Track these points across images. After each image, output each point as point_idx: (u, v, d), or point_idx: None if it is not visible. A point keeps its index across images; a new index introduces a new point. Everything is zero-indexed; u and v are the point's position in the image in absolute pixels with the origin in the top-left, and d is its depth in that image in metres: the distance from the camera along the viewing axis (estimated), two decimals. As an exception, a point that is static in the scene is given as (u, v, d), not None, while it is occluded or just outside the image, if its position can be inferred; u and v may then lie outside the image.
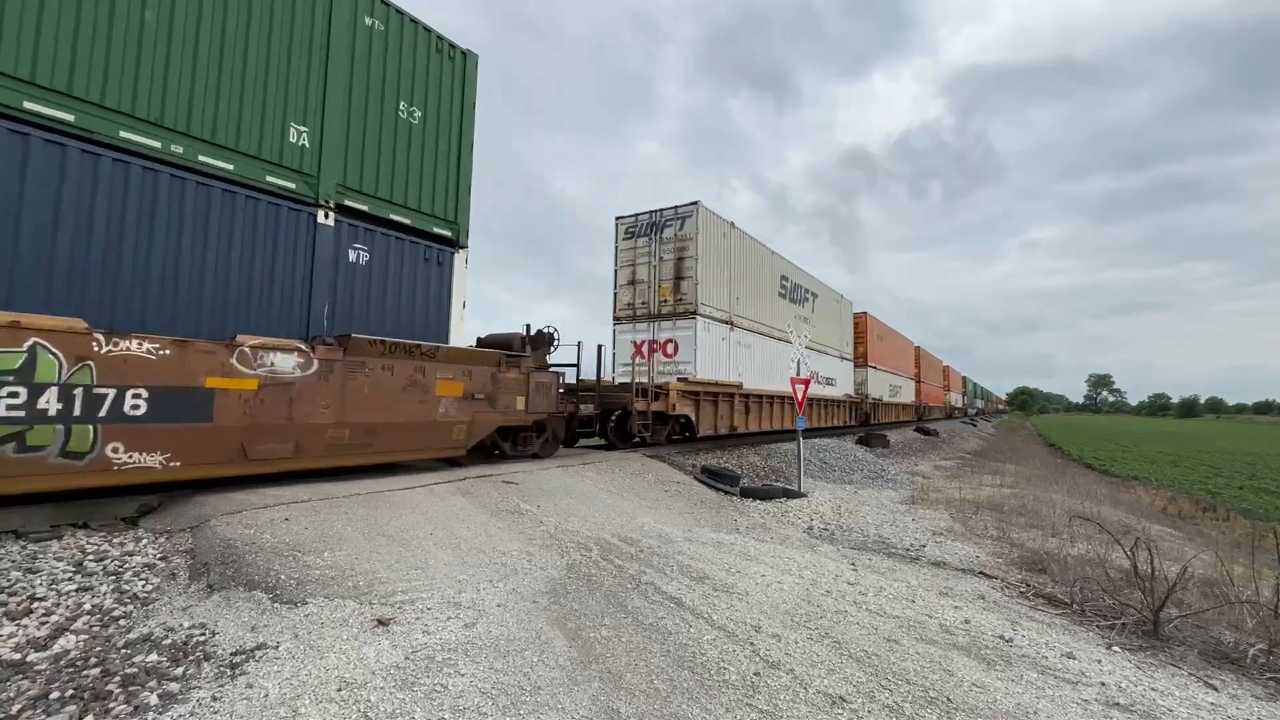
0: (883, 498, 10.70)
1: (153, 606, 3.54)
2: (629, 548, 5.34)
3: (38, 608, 3.33)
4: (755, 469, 12.18)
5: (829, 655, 3.42)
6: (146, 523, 4.81)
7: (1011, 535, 7.46)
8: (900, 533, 7.57)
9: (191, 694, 2.61)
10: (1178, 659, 3.84)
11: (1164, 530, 10.14)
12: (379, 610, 3.56)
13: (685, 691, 2.89)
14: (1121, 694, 3.23)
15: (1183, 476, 23.76)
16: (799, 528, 7.76)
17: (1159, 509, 14.39)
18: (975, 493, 11.19)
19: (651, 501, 7.80)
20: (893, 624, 4.01)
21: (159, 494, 5.20)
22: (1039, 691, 3.17)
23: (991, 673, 3.36)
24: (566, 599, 3.99)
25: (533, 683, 2.86)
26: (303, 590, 3.72)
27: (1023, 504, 9.94)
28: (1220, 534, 10.65)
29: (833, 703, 2.89)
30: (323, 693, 2.64)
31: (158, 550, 4.26)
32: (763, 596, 4.35)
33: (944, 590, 5.01)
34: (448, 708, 2.58)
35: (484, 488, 6.67)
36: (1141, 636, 4.19)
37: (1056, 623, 4.43)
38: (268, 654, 2.98)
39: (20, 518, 4.36)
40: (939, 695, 3.02)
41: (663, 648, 3.36)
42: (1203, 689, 3.43)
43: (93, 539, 4.32)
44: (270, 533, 4.48)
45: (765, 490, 9.62)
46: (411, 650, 3.08)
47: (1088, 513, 8.12)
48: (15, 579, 3.60)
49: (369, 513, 5.25)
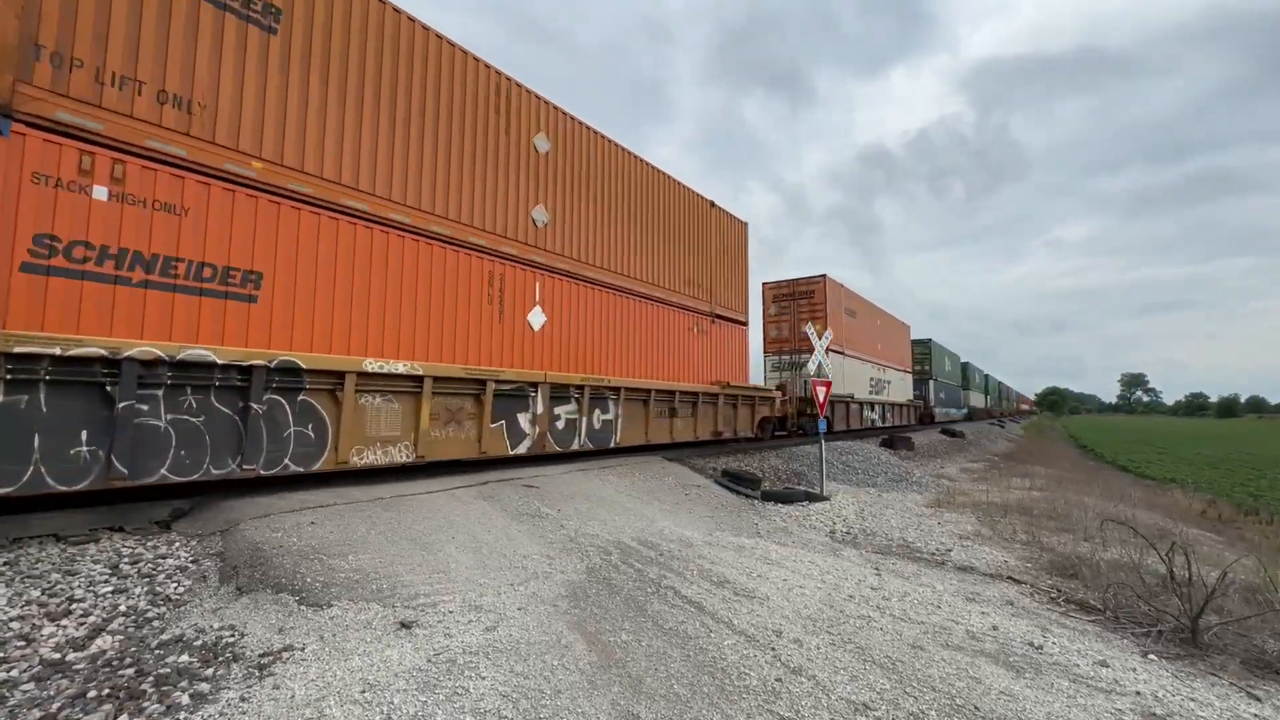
0: (907, 501, 10.52)
1: (184, 608, 3.63)
2: (649, 551, 5.33)
3: (76, 609, 3.44)
4: (776, 472, 12.07)
5: (852, 661, 3.37)
6: (179, 526, 4.94)
7: (1041, 539, 7.27)
8: (925, 537, 7.43)
9: (221, 694, 2.67)
10: (1218, 668, 3.70)
11: (1202, 534, 9.79)
12: (402, 613, 3.60)
13: (706, 696, 2.88)
14: (1158, 704, 3.12)
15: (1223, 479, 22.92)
16: (821, 531, 7.67)
17: (1197, 512, 13.89)
18: (1003, 496, 10.94)
19: (671, 505, 7.78)
20: (917, 630, 3.93)
21: (190, 498, 5.35)
22: (1070, 700, 3.08)
23: (1021, 681, 3.28)
24: (586, 603, 3.99)
25: (553, 686, 2.87)
26: (328, 593, 3.79)
27: (1053, 507, 9.69)
28: (1264, 538, 10.25)
29: (856, 710, 2.84)
30: (347, 694, 2.68)
31: (189, 553, 4.38)
32: (784, 601, 4.31)
33: (971, 596, 4.90)
34: (469, 710, 2.60)
35: (505, 491, 6.72)
36: (1179, 644, 4.06)
37: (1089, 630, 4.31)
38: (294, 656, 3.04)
39: (60, 521, 4.51)
40: (966, 703, 2.96)
41: (683, 652, 3.34)
42: (1245, 699, 3.30)
43: (128, 542, 4.45)
44: (297, 536, 4.57)
45: (787, 494, 9.53)
46: (434, 653, 3.11)
47: (1121, 516, 7.89)
48: (55, 581, 3.72)
49: (392, 516, 5.32)
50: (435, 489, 6.45)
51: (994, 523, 8.31)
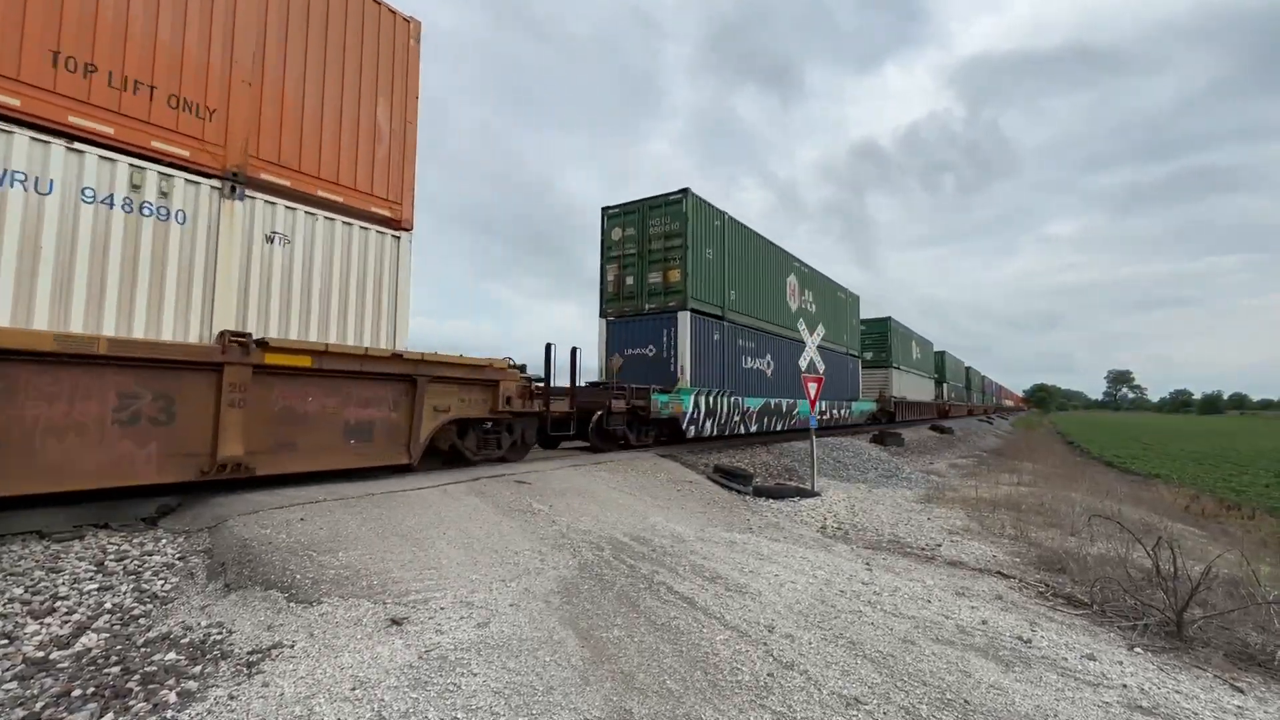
0: (897, 496, 10.59)
1: (171, 605, 3.59)
2: (641, 547, 5.33)
3: (60, 606, 3.39)
4: (768, 468, 12.12)
5: (843, 656, 3.39)
6: (166, 523, 4.88)
7: (1029, 534, 7.35)
8: (915, 532, 7.49)
9: (209, 692, 2.64)
10: (1202, 661, 3.76)
11: (1187, 529, 9.94)
12: (393, 610, 3.58)
13: (698, 692, 2.88)
14: (1144, 696, 3.16)
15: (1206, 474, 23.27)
16: (813, 527, 7.71)
17: (1181, 507, 14.10)
18: (992, 491, 11.04)
19: (664, 501, 7.79)
20: (908, 624, 3.96)
21: (178, 495, 5.29)
22: (1059, 694, 3.11)
23: (1010, 674, 3.31)
24: (579, 599, 3.99)
25: (545, 682, 2.86)
26: (318, 590, 3.76)
27: (1041, 502, 9.80)
28: (1246, 533, 10.43)
29: (847, 704, 2.86)
30: (337, 692, 2.65)
31: (176, 550, 4.33)
32: (776, 596, 4.32)
33: (960, 590, 4.94)
34: (460, 707, 2.59)
35: (496, 487, 6.70)
36: (1164, 638, 4.11)
37: (1076, 623, 4.36)
38: (283, 653, 3.01)
39: (44, 518, 4.45)
40: (956, 697, 2.98)
41: (675, 648, 3.35)
42: (1229, 691, 3.35)
43: (113, 539, 4.39)
44: (286, 532, 4.53)
45: (778, 489, 9.57)
46: (425, 650, 3.09)
47: (1107, 511, 7.98)
48: (39, 578, 3.67)
49: (383, 512, 5.29)
50: (426, 485, 6.42)
51: (983, 518, 8.39)
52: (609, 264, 13.43)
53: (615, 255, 13.31)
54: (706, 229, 13.09)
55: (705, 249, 12.94)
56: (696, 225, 12.65)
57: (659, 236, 12.71)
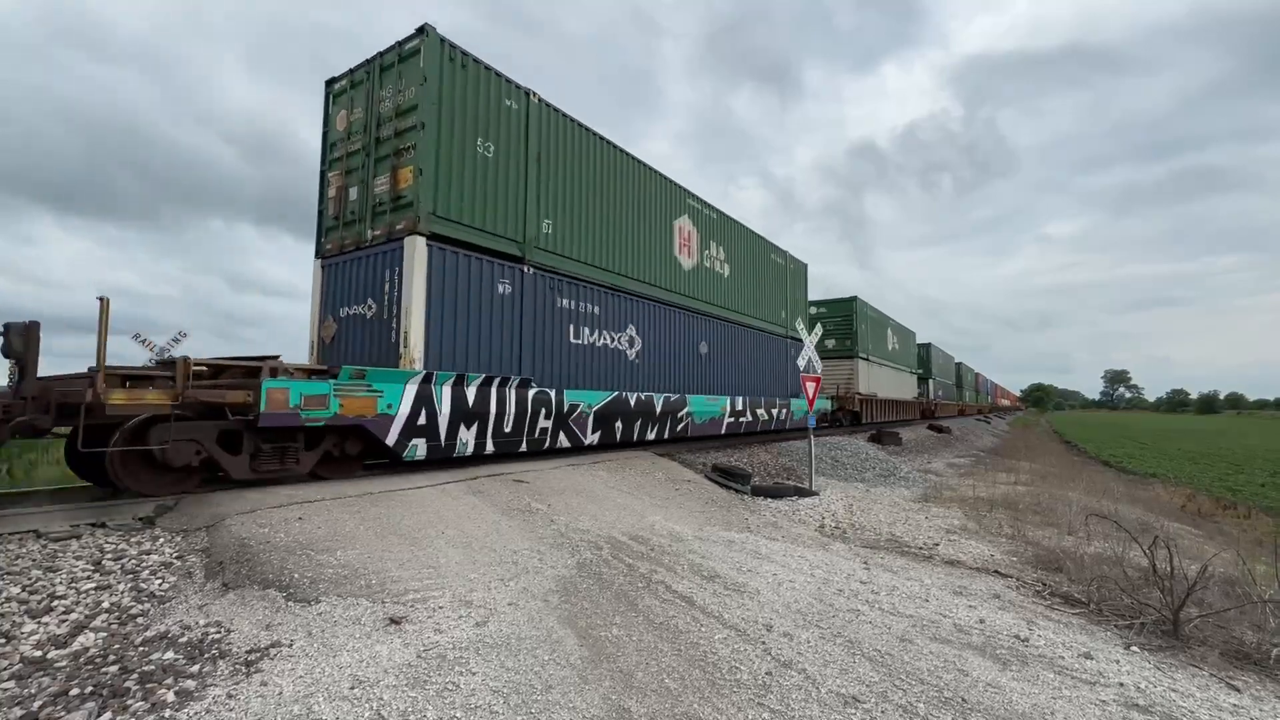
0: (895, 496, 10.62)
1: (169, 605, 3.58)
2: (640, 546, 5.33)
3: (58, 606, 3.38)
4: (766, 467, 12.13)
5: (841, 655, 3.39)
6: (163, 522, 4.86)
7: (1026, 533, 7.37)
8: (913, 531, 7.50)
9: (207, 691, 2.64)
10: (1198, 659, 3.77)
11: (1183, 528, 9.97)
12: (391, 609, 3.58)
13: (697, 691, 2.88)
14: (1140, 695, 3.18)
15: (1202, 474, 23.35)
16: (811, 526, 7.72)
17: (1178, 506, 14.15)
18: (989, 490, 11.07)
19: (662, 500, 7.79)
20: (906, 623, 3.97)
21: (175, 494, 5.27)
22: (1055, 692, 3.13)
23: (1007, 673, 3.32)
24: (577, 598, 3.99)
25: (544, 681, 2.86)
26: (316, 589, 3.75)
27: (1038, 502, 9.83)
28: (1241, 532, 10.46)
29: (845, 703, 2.86)
30: (336, 691, 2.65)
31: (174, 549, 4.31)
32: (774, 595, 4.33)
33: (958, 589, 4.95)
34: (459, 706, 2.59)
35: (494, 486, 6.70)
36: (1161, 636, 4.13)
37: (1073, 622, 4.37)
38: (282, 652, 3.01)
39: (41, 518, 4.43)
40: (953, 696, 2.99)
41: (674, 647, 3.35)
42: (1224, 690, 3.37)
43: (110, 538, 4.38)
44: (284, 531, 4.52)
45: (776, 489, 9.58)
46: (423, 649, 3.09)
47: (1104, 510, 8.00)
48: (36, 577, 3.66)
49: (381, 511, 5.28)
50: (424, 484, 6.41)
51: (980, 517, 8.41)
52: (332, 170, 8.58)
53: (339, 155, 8.40)
54: (478, 106, 8.05)
55: (476, 138, 7.98)
56: (451, 95, 7.65)
57: (390, 117, 7.73)
